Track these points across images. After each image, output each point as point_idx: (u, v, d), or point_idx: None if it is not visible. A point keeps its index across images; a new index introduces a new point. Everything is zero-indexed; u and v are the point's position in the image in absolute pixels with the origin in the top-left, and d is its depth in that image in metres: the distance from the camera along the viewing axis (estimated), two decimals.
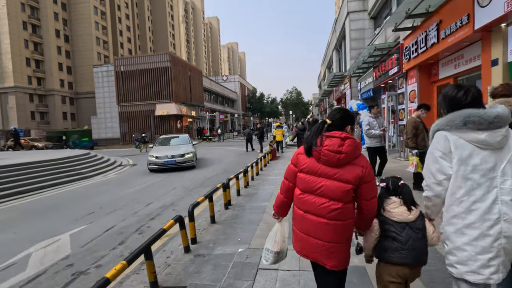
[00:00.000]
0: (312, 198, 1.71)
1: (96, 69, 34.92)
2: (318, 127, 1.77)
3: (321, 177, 1.69)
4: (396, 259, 1.69)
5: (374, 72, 13.59)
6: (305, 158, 1.77)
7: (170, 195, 7.08)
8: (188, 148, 11.52)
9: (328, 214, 1.66)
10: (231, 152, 17.53)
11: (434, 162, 1.55)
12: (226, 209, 5.09)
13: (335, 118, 1.78)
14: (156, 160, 10.77)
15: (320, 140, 1.69)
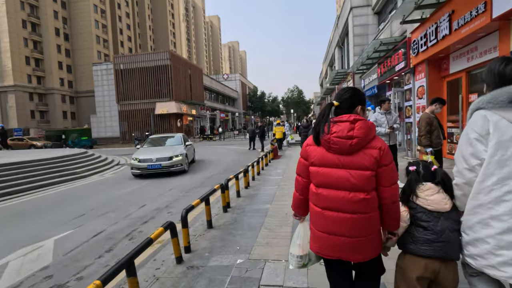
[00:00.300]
0: (329, 192, 1.55)
1: (95, 67, 34.58)
2: (324, 111, 1.59)
3: (335, 168, 1.53)
4: (428, 251, 1.53)
5: (379, 68, 13.16)
6: (315, 149, 1.61)
7: (166, 196, 6.70)
8: (178, 149, 9.92)
9: (350, 207, 1.51)
10: (232, 151, 17.16)
11: (468, 144, 1.40)
12: (225, 212, 4.71)
13: (343, 99, 1.60)
14: (139, 164, 9.25)
15: (327, 127, 1.53)
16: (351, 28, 17.74)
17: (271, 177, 7.71)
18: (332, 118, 1.58)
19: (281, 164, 10.06)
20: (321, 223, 1.59)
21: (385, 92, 13.84)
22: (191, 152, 11.52)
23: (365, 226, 1.52)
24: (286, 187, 6.29)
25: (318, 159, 1.57)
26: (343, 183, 1.51)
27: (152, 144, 11.12)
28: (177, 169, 9.53)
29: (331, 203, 1.55)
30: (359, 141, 1.48)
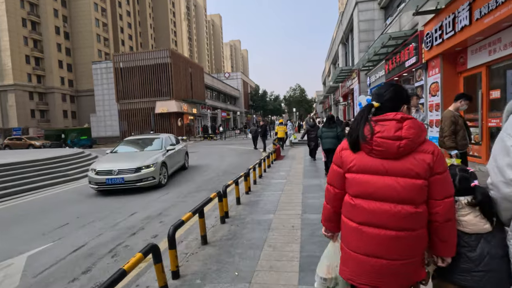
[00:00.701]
0: (369, 204, 1.34)
1: (95, 66, 34.12)
2: (362, 112, 1.40)
3: (378, 175, 1.32)
4: (466, 282, 1.33)
5: (387, 64, 12.56)
6: (351, 153, 1.41)
7: (160, 202, 6.17)
8: (151, 158, 7.57)
9: (395, 223, 1.29)
10: (233, 152, 16.62)
11: (505, 153, 1.21)
12: (223, 223, 4.17)
13: (385, 99, 1.40)
14: (96, 177, 6.96)
15: (369, 128, 1.33)
16: (356, 24, 17.12)
17: (274, 180, 7.15)
18: (372, 117, 1.37)
19: (284, 166, 9.50)
20: (357, 241, 1.37)
21: None
22: (177, 159, 9.35)
23: (411, 247, 1.30)
24: (291, 192, 5.73)
25: (357, 165, 1.37)
26: (388, 193, 1.30)
27: (123, 149, 8.82)
28: (146, 184, 7.17)
29: (371, 217, 1.32)
30: (408, 143, 1.27)
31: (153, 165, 7.37)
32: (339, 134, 7.04)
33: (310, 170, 8.30)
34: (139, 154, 8.17)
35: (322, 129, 7.30)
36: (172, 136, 10.14)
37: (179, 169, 9.87)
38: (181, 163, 9.99)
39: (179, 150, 9.68)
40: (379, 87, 1.51)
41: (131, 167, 7.06)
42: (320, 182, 6.59)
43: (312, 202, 4.93)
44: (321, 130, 7.33)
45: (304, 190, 5.82)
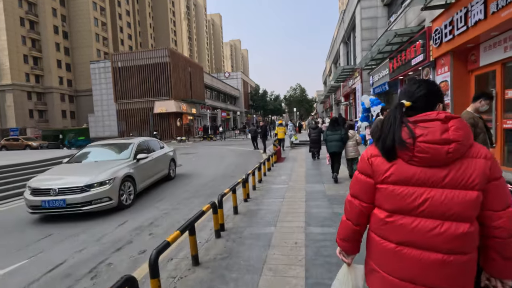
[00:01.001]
0: (411, 221, 1.13)
1: (93, 65, 33.72)
2: (394, 113, 1.20)
3: (422, 186, 1.12)
4: None
5: (391, 63, 12.13)
6: (385, 161, 1.19)
7: (152, 209, 5.75)
8: (109, 171, 5.71)
9: (444, 244, 1.09)
10: (232, 153, 16.20)
11: None
12: (218, 237, 3.75)
13: (417, 96, 1.21)
14: (31, 199, 5.26)
15: (408, 131, 1.13)
16: (358, 22, 16.70)
17: (274, 185, 6.73)
18: (408, 118, 1.18)
19: (285, 169, 9.08)
20: (394, 264, 1.19)
21: (397, 89, 12.82)
22: (155, 169, 7.57)
23: (460, 274, 1.11)
24: (293, 200, 5.31)
25: (394, 175, 1.18)
26: (435, 208, 1.11)
27: (82, 157, 6.87)
28: (98, 208, 5.27)
29: (414, 237, 1.14)
30: (458, 146, 1.09)
31: (109, 181, 5.46)
32: (343, 137, 6.81)
33: (312, 174, 7.88)
34: (95, 166, 6.14)
35: (326, 132, 7.03)
36: (153, 141, 8.54)
37: (162, 179, 8.27)
38: (163, 173, 8.17)
39: (158, 158, 7.87)
40: (408, 83, 1.30)
41: (77, 185, 5.22)
42: (324, 187, 6.17)
43: (316, 212, 4.51)
44: (325, 133, 7.05)
45: (307, 197, 5.40)
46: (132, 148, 6.98)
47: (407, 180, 1.15)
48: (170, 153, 8.97)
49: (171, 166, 8.83)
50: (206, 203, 5.91)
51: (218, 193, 6.91)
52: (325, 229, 3.75)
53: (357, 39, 17.65)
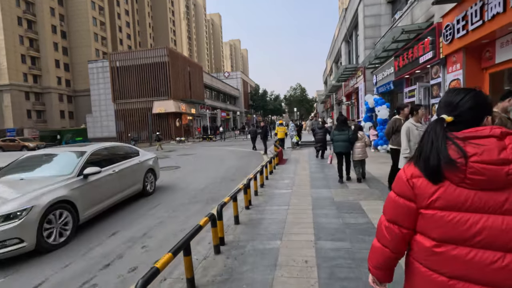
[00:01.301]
0: (466, 252, 1.00)
1: (91, 65, 33.31)
2: (434, 128, 1.08)
3: (478, 212, 0.99)
4: None
5: (396, 61, 11.74)
6: (430, 183, 1.05)
7: (147, 217, 5.35)
8: (22, 199, 3.82)
9: (509, 281, 0.96)
10: (232, 154, 15.80)
11: None
12: (217, 253, 3.34)
13: (462, 110, 1.08)
14: None
15: (457, 149, 1.00)
16: (361, 20, 16.29)
17: (277, 190, 6.33)
18: (455, 133, 1.04)
19: (288, 171, 8.68)
20: None
21: (402, 88, 12.42)
22: (119, 186, 5.72)
23: None
24: (299, 208, 4.91)
25: (442, 199, 1.02)
26: (495, 238, 0.96)
27: (9, 172, 5.09)
28: (4, 254, 3.54)
29: (471, 271, 0.99)
30: None
31: (20, 213, 3.66)
32: (350, 138, 6.62)
33: (317, 178, 7.48)
34: (13, 186, 4.40)
35: (333, 132, 6.86)
36: (122, 147, 6.72)
37: (135, 196, 6.49)
38: (134, 188, 6.27)
39: (126, 170, 5.96)
40: (449, 93, 1.17)
41: None
42: (331, 193, 5.77)
43: (326, 222, 4.11)
44: (332, 133, 6.89)
45: (313, 205, 5.00)
46: (79, 160, 5.03)
47: (459, 206, 1.02)
48: (147, 162, 7.06)
49: (148, 178, 6.96)
50: (204, 211, 5.54)
51: (218, 198, 6.57)
52: (338, 244, 3.35)
53: (359, 37, 17.26)
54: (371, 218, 4.13)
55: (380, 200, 5.03)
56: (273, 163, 9.07)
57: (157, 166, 7.68)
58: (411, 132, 4.15)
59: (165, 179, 9.27)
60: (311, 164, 9.97)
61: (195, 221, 4.93)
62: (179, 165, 12.51)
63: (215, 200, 6.27)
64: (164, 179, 9.18)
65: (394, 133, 4.99)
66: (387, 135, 5.28)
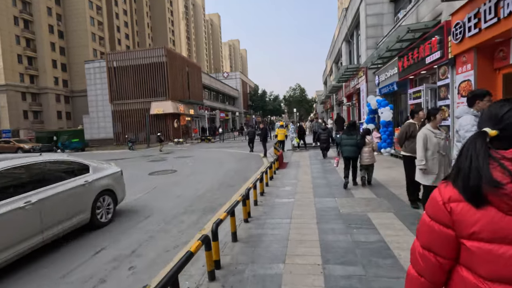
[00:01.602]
0: None
1: (87, 65, 32.83)
2: (474, 144, 0.95)
3: None
4: None
5: (400, 61, 11.35)
6: (472, 209, 0.91)
7: (136, 230, 4.93)
8: None
9: None
10: (231, 157, 15.39)
11: None
12: (212, 279, 2.93)
13: (508, 123, 0.95)
14: None
15: (502, 169, 0.87)
16: (363, 19, 15.91)
17: (278, 199, 5.92)
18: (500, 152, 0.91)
19: (289, 177, 8.28)
20: None
21: (406, 89, 12.04)
22: (45, 222, 3.99)
23: None
24: (302, 221, 4.50)
25: (488, 230, 0.88)
26: None
27: None
28: None
29: None
30: None
31: None
32: (358, 142, 6.47)
33: (320, 184, 7.08)
34: None
35: (342, 136, 6.75)
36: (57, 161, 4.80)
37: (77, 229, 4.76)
38: (74, 221, 4.54)
39: (51, 199, 4.17)
40: (493, 105, 1.04)
41: None
42: (336, 203, 5.37)
43: (333, 240, 3.70)
44: (341, 137, 6.77)
45: (318, 217, 4.59)
46: None
47: (509, 238, 0.86)
48: (100, 182, 5.27)
49: (102, 203, 5.22)
50: (200, 223, 5.13)
51: (215, 207, 6.16)
52: (349, 269, 2.95)
53: (361, 37, 16.88)
54: (383, 235, 3.73)
55: (389, 212, 4.63)
56: (273, 167, 8.67)
57: (119, 185, 5.84)
58: (429, 140, 3.74)
59: (161, 184, 8.86)
60: (313, 168, 9.57)
61: (190, 235, 4.52)
62: (176, 168, 12.10)
63: (212, 210, 5.87)
64: (159, 185, 8.76)
65: (408, 139, 4.59)
66: (399, 140, 4.87)
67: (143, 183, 9.25)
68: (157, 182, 9.23)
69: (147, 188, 8.45)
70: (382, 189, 6.21)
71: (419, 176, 3.97)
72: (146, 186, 8.78)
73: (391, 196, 5.64)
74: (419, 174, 3.95)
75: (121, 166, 14.39)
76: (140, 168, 12.93)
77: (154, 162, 15.04)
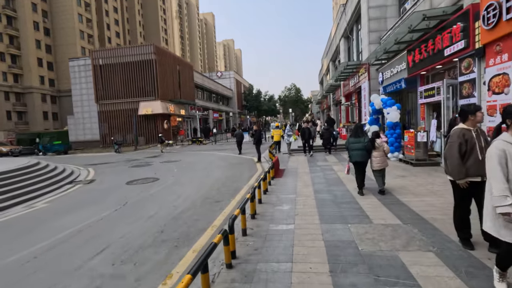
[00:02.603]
0: None
1: (72, 63, 31.10)
2: None
3: None
4: None
5: (410, 55, 10.14)
6: None
7: (70, 280, 3.56)
8: None
9: None
10: (222, 161, 14.03)
11: None
12: None
13: None
14: None
15: None
16: (364, 12, 14.70)
17: (274, 226, 4.60)
18: None
19: (287, 189, 6.97)
20: None
21: (415, 87, 10.85)
22: None
23: None
24: (308, 269, 3.18)
25: None
26: None
27: None
28: None
29: None
30: None
31: None
32: (365, 146, 5.97)
33: (326, 201, 5.78)
34: None
35: (349, 140, 6.28)
36: None
37: None
38: None
39: None
40: None
41: None
42: (350, 233, 4.06)
43: None
44: (348, 140, 6.29)
45: (331, 261, 3.27)
46: None
47: None
48: None
49: None
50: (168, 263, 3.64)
51: (193, 235, 4.73)
52: None
53: (362, 31, 15.67)
54: None
55: (428, 251, 3.33)
56: (268, 177, 7.34)
57: None
58: (510, 159, 2.32)
59: (135, 198, 7.47)
60: (314, 177, 8.26)
61: (151, 285, 3.18)
62: (159, 176, 10.71)
63: (189, 238, 4.54)
64: (133, 199, 7.37)
65: (465, 154, 3.12)
66: (450, 158, 3.17)
67: (116, 196, 7.86)
68: (132, 195, 7.84)
69: (118, 203, 7.07)
70: (403, 209, 4.94)
71: (498, 226, 2.40)
72: (118, 200, 7.40)
73: (419, 221, 4.36)
74: (498, 222, 2.38)
75: (100, 172, 13.01)
76: (120, 175, 11.51)
77: (138, 167, 13.61)
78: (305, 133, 12.98)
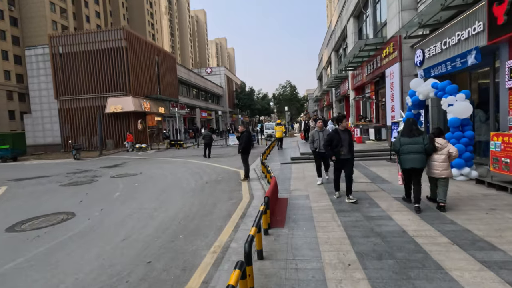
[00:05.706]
0: None
1: (28, 52, 26.29)
2: None
3: None
4: None
5: (498, 7, 6.03)
6: None
7: None
8: None
9: None
10: (192, 177, 9.77)
11: None
12: None
13: None
14: None
15: None
16: None
17: None
18: None
19: (302, 285, 2.73)
20: None
21: (491, 62, 6.76)
22: None
23: None
24: None
25: None
26: None
27: None
28: None
29: None
30: None
31: None
32: (427, 148, 4.41)
33: None
34: None
35: (400, 140, 4.63)
36: None
37: None
38: None
39: None
40: None
41: None
42: None
43: None
44: (398, 141, 4.63)
45: None
46: None
47: None
48: None
49: None
50: None
51: None
52: None
53: (381, 2, 11.55)
54: None
55: None
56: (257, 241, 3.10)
57: None
58: None
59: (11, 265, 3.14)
60: (351, 233, 4.03)
61: None
62: (81, 208, 6.39)
63: None
64: None
65: None
66: None
67: None
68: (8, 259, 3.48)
69: None
70: None
71: None
72: None
73: None
74: None
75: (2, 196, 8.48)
76: (24, 205, 7.11)
77: (72, 187, 9.28)
78: (333, 139, 6.07)
